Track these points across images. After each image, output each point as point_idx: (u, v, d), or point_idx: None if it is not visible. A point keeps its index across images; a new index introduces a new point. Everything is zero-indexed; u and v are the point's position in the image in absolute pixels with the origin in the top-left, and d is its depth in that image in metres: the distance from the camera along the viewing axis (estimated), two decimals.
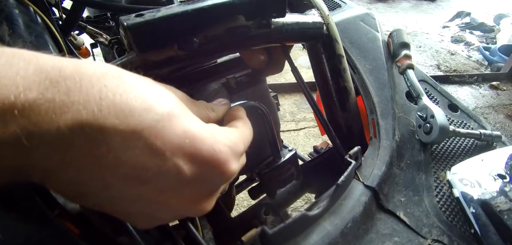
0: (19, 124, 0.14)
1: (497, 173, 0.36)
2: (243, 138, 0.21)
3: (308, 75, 2.08)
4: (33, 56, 0.15)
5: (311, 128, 1.78)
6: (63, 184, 0.17)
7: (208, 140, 0.18)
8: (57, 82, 0.15)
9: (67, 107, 0.15)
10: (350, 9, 0.60)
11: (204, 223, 0.37)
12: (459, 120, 0.49)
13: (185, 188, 0.18)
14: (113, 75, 0.16)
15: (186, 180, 0.17)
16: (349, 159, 0.33)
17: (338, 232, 0.29)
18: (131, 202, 0.18)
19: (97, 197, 0.17)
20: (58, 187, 0.17)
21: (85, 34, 0.77)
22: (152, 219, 0.20)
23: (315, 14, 0.35)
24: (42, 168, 0.16)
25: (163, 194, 0.18)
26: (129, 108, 0.16)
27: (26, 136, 0.14)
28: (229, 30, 0.25)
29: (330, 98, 0.41)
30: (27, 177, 0.16)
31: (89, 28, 0.75)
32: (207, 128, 0.19)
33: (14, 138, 0.14)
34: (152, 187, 0.17)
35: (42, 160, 0.15)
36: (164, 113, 0.17)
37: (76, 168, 0.16)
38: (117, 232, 0.25)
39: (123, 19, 0.21)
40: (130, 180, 0.17)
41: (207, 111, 0.23)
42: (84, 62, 0.16)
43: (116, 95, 0.16)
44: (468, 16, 3.69)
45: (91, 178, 0.16)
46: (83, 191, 0.17)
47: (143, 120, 0.16)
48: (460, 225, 0.34)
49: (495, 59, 2.71)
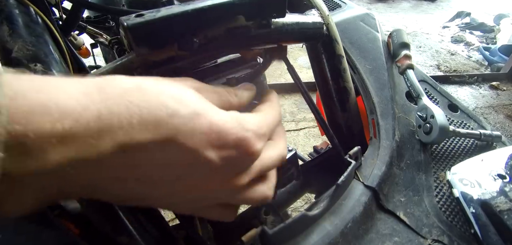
0: (60, 153, 0.14)
1: (497, 173, 0.36)
2: (267, 120, 0.22)
3: (308, 75, 2.08)
4: (57, 84, 0.16)
5: (311, 128, 1.78)
6: (106, 196, 0.18)
7: (232, 129, 0.19)
8: (88, 107, 0.15)
9: (103, 132, 0.15)
10: (350, 9, 0.60)
11: (204, 223, 0.37)
12: (459, 120, 0.49)
13: (217, 174, 0.19)
14: (134, 89, 0.17)
15: (217, 168, 0.19)
16: (349, 159, 0.33)
17: (338, 232, 0.29)
18: (170, 195, 0.20)
19: (139, 198, 0.19)
20: (101, 198, 0.19)
21: (85, 34, 0.77)
22: (193, 204, 0.21)
23: (315, 14, 0.35)
24: (85, 188, 0.17)
25: (199, 183, 0.19)
26: (156, 119, 0.17)
27: (69, 164, 0.15)
28: (229, 30, 0.25)
29: (330, 98, 0.41)
30: (68, 197, 0.17)
31: (89, 28, 0.75)
32: (229, 116, 0.20)
33: (58, 167, 0.15)
34: (188, 180, 0.19)
35: (85, 181, 0.16)
36: (189, 114, 0.18)
37: (119, 181, 0.17)
38: (117, 232, 0.25)
39: (123, 19, 0.21)
40: (168, 179, 0.18)
41: (229, 97, 0.23)
42: (103, 81, 0.17)
43: (142, 109, 0.16)
44: (468, 16, 3.68)
45: (134, 185, 0.18)
46: (127, 196, 0.19)
47: (171, 126, 0.17)
48: (460, 225, 0.34)
49: (495, 59, 2.70)
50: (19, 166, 0.14)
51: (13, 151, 0.13)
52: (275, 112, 0.24)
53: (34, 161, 0.14)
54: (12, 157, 0.13)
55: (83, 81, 0.16)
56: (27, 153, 0.14)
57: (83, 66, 0.36)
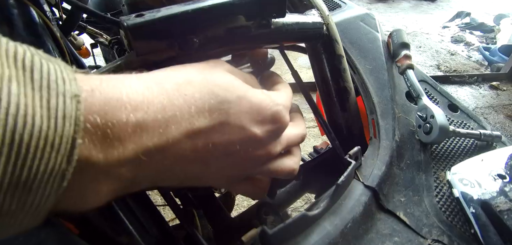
0: (135, 142, 0.16)
1: (497, 173, 0.36)
2: (287, 95, 0.26)
3: (308, 75, 2.08)
4: (123, 81, 0.17)
5: (311, 128, 1.78)
6: (170, 180, 0.21)
7: (268, 105, 0.22)
8: (152, 101, 0.17)
9: (169, 121, 0.18)
10: (350, 9, 0.60)
11: (204, 223, 0.37)
12: (459, 120, 0.49)
13: (259, 144, 0.22)
14: (185, 83, 0.20)
15: (260, 138, 0.22)
16: (349, 159, 0.33)
17: (338, 232, 0.29)
18: (219, 170, 0.22)
19: (194, 178, 0.22)
20: (164, 184, 0.21)
21: (85, 34, 0.77)
22: (233, 178, 0.24)
23: (315, 14, 0.35)
24: (154, 177, 0.19)
25: (244, 155, 0.22)
26: (209, 107, 0.19)
27: (143, 152, 0.17)
28: (229, 30, 0.25)
29: (330, 98, 0.41)
30: (137, 188, 0.19)
31: (89, 28, 0.75)
32: (263, 94, 0.23)
33: (134, 156, 0.16)
34: (236, 155, 0.22)
35: (155, 169, 0.18)
36: (235, 98, 0.21)
37: (182, 165, 0.20)
38: (117, 232, 0.25)
39: (123, 19, 0.21)
40: (223, 156, 0.21)
41: (253, 83, 0.26)
42: (157, 76, 0.19)
43: (197, 100, 0.19)
44: (468, 16, 3.68)
45: (192, 166, 0.20)
46: (186, 178, 0.21)
47: (223, 111, 0.20)
48: (460, 225, 0.34)
49: (495, 59, 2.70)
50: (103, 156, 0.15)
51: (96, 141, 0.15)
52: (289, 89, 0.28)
53: (115, 150, 0.16)
54: (96, 147, 0.15)
55: (141, 77, 0.19)
56: (108, 142, 0.15)
57: (83, 66, 0.36)
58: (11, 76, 0.12)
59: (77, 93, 0.14)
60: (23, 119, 0.12)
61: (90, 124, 0.15)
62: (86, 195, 0.16)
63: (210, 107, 0.19)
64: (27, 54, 0.13)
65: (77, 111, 0.14)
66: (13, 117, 0.12)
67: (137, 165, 0.17)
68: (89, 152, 0.15)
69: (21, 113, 0.12)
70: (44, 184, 0.13)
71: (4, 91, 0.12)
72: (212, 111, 0.19)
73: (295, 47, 0.41)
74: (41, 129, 0.13)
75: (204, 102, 0.19)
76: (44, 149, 0.13)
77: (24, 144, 0.12)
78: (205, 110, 0.19)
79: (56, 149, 0.13)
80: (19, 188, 0.13)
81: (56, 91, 0.13)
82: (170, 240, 0.29)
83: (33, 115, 0.12)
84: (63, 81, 0.14)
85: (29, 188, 0.13)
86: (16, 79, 0.12)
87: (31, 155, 0.12)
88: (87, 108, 0.15)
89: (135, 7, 0.28)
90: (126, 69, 0.25)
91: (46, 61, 0.14)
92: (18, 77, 0.13)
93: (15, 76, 0.12)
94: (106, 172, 0.16)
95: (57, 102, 0.13)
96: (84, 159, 0.14)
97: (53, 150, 0.13)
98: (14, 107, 0.12)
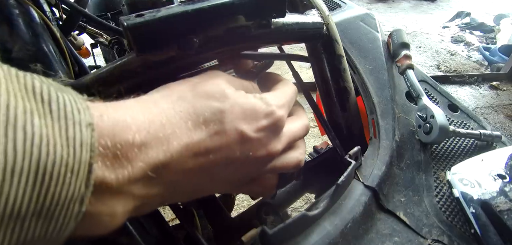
0: (142, 160, 0.17)
1: (497, 173, 0.36)
2: (284, 94, 0.26)
3: (308, 75, 2.08)
4: (124, 104, 0.19)
5: (311, 128, 1.77)
6: (181, 195, 0.22)
7: (261, 107, 0.23)
8: (152, 120, 0.18)
9: (170, 138, 0.19)
10: (350, 9, 0.60)
11: (204, 223, 0.37)
12: (459, 120, 0.49)
13: (258, 145, 0.23)
14: (177, 100, 0.20)
15: (257, 139, 0.22)
16: (349, 159, 0.33)
17: (338, 232, 0.29)
18: (225, 178, 0.23)
19: (207, 189, 0.24)
20: (176, 200, 0.23)
21: (85, 34, 0.77)
22: (240, 182, 0.25)
23: (315, 14, 0.35)
24: (164, 191, 0.20)
25: (246, 159, 0.23)
26: (204, 119, 0.20)
27: (151, 169, 0.18)
28: (229, 30, 0.25)
29: (330, 98, 0.41)
30: (150, 207, 0.20)
31: (89, 28, 0.75)
32: (255, 98, 0.23)
33: (142, 174, 0.17)
34: (238, 160, 0.22)
35: (165, 184, 0.19)
36: (227, 107, 0.21)
37: (189, 178, 0.20)
38: (117, 232, 0.25)
39: (123, 19, 0.21)
40: (226, 164, 0.22)
41: (252, 89, 0.27)
42: (152, 97, 0.21)
43: (192, 115, 0.20)
44: (468, 16, 3.68)
45: (200, 179, 0.21)
46: (194, 190, 0.22)
47: (217, 121, 0.21)
48: (460, 225, 0.34)
49: (495, 59, 2.70)
50: (115, 176, 0.16)
51: (108, 162, 0.16)
52: (289, 88, 0.28)
53: (125, 169, 0.17)
54: (108, 168, 0.16)
55: (139, 100, 0.20)
56: (118, 162, 0.16)
57: (83, 66, 0.36)
58: (33, 110, 0.13)
59: (91, 121, 0.15)
60: (46, 149, 0.13)
61: (102, 147, 0.16)
62: (102, 217, 0.16)
63: (205, 119, 0.20)
64: (44, 88, 0.14)
65: (92, 138, 0.15)
66: (38, 148, 0.13)
67: (147, 182, 0.18)
68: (102, 173, 0.16)
69: (44, 143, 0.13)
70: (65, 210, 0.14)
71: (28, 124, 0.13)
72: (208, 123, 0.20)
73: (298, 57, 0.41)
74: (62, 157, 0.14)
75: (198, 116, 0.20)
76: (65, 176, 0.14)
77: (48, 172, 0.13)
78: (201, 123, 0.20)
79: (76, 175, 0.14)
80: (43, 215, 0.13)
81: (73, 121, 0.15)
82: (170, 240, 0.29)
83: (54, 145, 0.14)
84: (78, 111, 0.15)
85: (51, 214, 0.14)
86: (37, 112, 0.13)
87: (54, 181, 0.13)
88: (99, 133, 0.16)
89: (135, 7, 0.28)
90: (126, 70, 0.25)
91: (61, 92, 0.15)
92: (39, 110, 0.14)
93: (36, 109, 0.14)
94: (119, 192, 0.17)
95: (74, 131, 0.14)
96: (99, 181, 0.15)
97: (72, 175, 0.14)
98: (38, 138, 0.13)
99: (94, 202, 0.16)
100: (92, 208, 0.16)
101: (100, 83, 0.25)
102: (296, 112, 0.29)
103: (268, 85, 0.29)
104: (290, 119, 0.27)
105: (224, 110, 0.21)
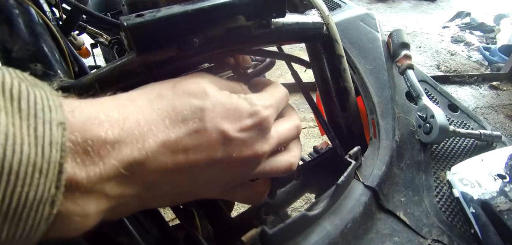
0: (115, 157, 0.17)
1: (497, 173, 0.36)
2: (271, 95, 0.25)
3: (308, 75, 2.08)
4: (99, 101, 0.18)
5: (311, 128, 1.78)
6: (162, 198, 0.21)
7: (246, 106, 0.22)
8: (127, 117, 0.18)
9: (145, 135, 0.18)
10: (350, 9, 0.60)
11: (204, 223, 0.37)
12: (459, 120, 0.49)
13: (243, 146, 0.22)
14: (157, 98, 0.20)
15: (241, 139, 0.22)
16: (349, 159, 0.33)
17: (338, 232, 0.29)
18: (209, 181, 0.22)
19: (191, 193, 0.23)
20: (156, 205, 0.22)
21: (85, 34, 0.77)
22: (226, 186, 0.24)
23: (315, 14, 0.35)
24: (142, 192, 0.19)
25: (231, 161, 0.22)
26: (183, 117, 0.20)
27: (124, 167, 0.17)
28: (229, 30, 0.25)
29: (330, 98, 0.41)
30: (129, 209, 0.20)
31: (89, 28, 0.75)
32: (240, 98, 0.23)
33: (114, 172, 0.17)
34: (222, 162, 0.21)
35: (141, 184, 0.18)
36: (209, 104, 0.21)
37: (168, 180, 0.20)
38: (117, 232, 0.25)
39: (123, 19, 0.21)
40: (208, 165, 0.21)
41: (240, 89, 0.26)
42: (132, 94, 0.20)
43: (170, 112, 0.19)
44: (468, 16, 3.69)
45: (182, 180, 0.20)
46: (178, 194, 0.22)
47: (197, 119, 0.20)
48: (460, 225, 0.34)
49: (495, 59, 2.70)
50: (85, 173, 0.15)
51: (78, 158, 0.15)
52: (278, 89, 0.27)
53: (97, 167, 0.16)
54: (78, 165, 0.15)
55: (116, 97, 0.20)
56: (89, 159, 0.16)
57: (83, 66, 0.36)
58: (0, 107, 0.13)
59: (62, 120, 0.15)
60: (12, 148, 0.13)
61: (72, 143, 0.15)
62: (73, 217, 0.16)
63: (183, 117, 0.20)
64: (15, 84, 0.14)
65: (63, 137, 0.15)
66: (3, 146, 0.12)
67: (121, 181, 0.17)
68: (72, 170, 0.15)
69: (10, 142, 0.13)
70: (34, 211, 0.14)
71: None
72: (187, 121, 0.20)
73: (299, 60, 0.41)
74: (29, 157, 0.13)
75: (177, 114, 0.19)
76: (32, 176, 0.13)
77: (14, 171, 0.13)
78: (179, 121, 0.19)
79: (45, 175, 0.14)
80: (9, 216, 0.13)
81: (43, 119, 0.14)
82: (170, 240, 0.29)
83: (21, 144, 0.13)
84: (49, 109, 0.15)
85: (19, 215, 0.13)
86: (4, 110, 0.13)
87: (21, 181, 0.13)
88: (69, 128, 0.15)
89: (135, 7, 0.28)
90: (126, 70, 0.25)
91: (33, 88, 0.15)
92: (6, 107, 0.13)
93: (4, 107, 0.13)
94: (91, 190, 0.16)
95: (43, 130, 0.14)
96: (69, 179, 0.15)
97: (41, 176, 0.14)
98: (3, 137, 0.13)
99: (64, 202, 0.15)
100: (62, 208, 0.15)
101: (100, 83, 0.25)
102: (287, 113, 0.28)
103: (258, 89, 0.28)
104: (280, 120, 0.26)
105: (204, 108, 0.20)
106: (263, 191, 0.27)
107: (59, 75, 0.28)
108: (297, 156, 0.27)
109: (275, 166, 0.25)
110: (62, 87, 0.25)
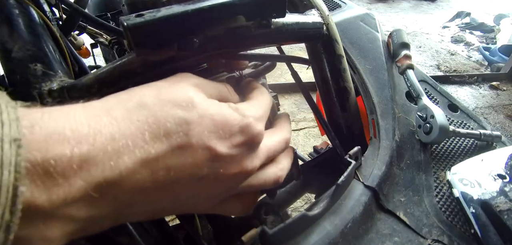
0: (83, 178, 0.15)
1: (497, 173, 0.36)
2: (260, 104, 0.24)
3: (308, 75, 2.08)
4: (67, 111, 0.16)
5: (311, 128, 1.78)
6: (137, 215, 0.19)
7: (236, 119, 0.20)
8: (99, 131, 0.16)
9: (120, 152, 0.16)
10: (350, 9, 0.60)
11: (204, 223, 0.37)
12: (459, 120, 0.49)
13: (232, 162, 0.20)
14: (136, 107, 0.18)
15: (230, 156, 0.20)
16: (349, 159, 0.33)
17: (338, 232, 0.29)
18: (195, 197, 0.21)
19: (172, 209, 0.21)
20: (133, 219, 0.20)
21: (85, 34, 0.77)
22: (214, 200, 0.22)
23: (315, 14, 0.35)
24: (115, 211, 0.17)
25: (218, 176, 0.20)
26: (165, 130, 0.17)
27: (93, 188, 0.15)
28: (229, 30, 0.25)
29: (330, 98, 0.41)
30: (99, 227, 0.18)
31: (89, 28, 0.75)
32: (230, 109, 0.21)
33: (83, 193, 0.15)
34: (208, 177, 0.20)
35: (113, 206, 0.17)
36: (195, 116, 0.19)
37: (146, 197, 0.18)
38: (117, 232, 0.25)
39: (123, 19, 0.21)
40: (191, 182, 0.19)
41: (227, 94, 0.25)
42: (106, 103, 0.18)
43: (151, 125, 0.17)
44: (468, 16, 3.69)
45: (160, 196, 0.19)
46: (155, 210, 0.20)
47: (181, 133, 0.18)
48: (460, 225, 0.34)
49: (495, 59, 2.71)
50: (46, 196, 0.14)
51: (38, 181, 0.13)
52: (265, 97, 0.26)
53: (61, 189, 0.14)
54: (38, 187, 0.14)
55: (88, 106, 0.17)
56: (52, 181, 0.14)
57: (83, 66, 0.36)
58: None
59: (18, 136, 0.13)
60: None
61: (30, 162, 0.13)
62: (34, 242, 0.14)
63: (166, 131, 0.17)
64: None
65: (18, 156, 0.13)
66: None
67: (90, 202, 0.15)
68: (31, 193, 0.13)
69: None
70: None
71: None
72: (170, 135, 0.18)
73: (299, 59, 0.41)
74: None
75: (159, 126, 0.17)
76: None
77: None
78: (161, 134, 0.17)
79: None
80: None
81: None
82: (170, 240, 0.29)
83: None
84: (1, 124, 0.13)
85: None
86: None
87: None
88: (27, 146, 0.13)
89: (135, 7, 0.28)
90: (126, 70, 0.25)
91: None
92: None
93: None
94: (53, 215, 0.14)
95: None
96: (27, 203, 0.13)
97: None
98: None
99: (23, 227, 0.13)
100: (21, 233, 0.13)
101: (100, 83, 0.25)
102: (278, 124, 0.27)
103: (245, 92, 0.27)
104: (270, 131, 0.25)
105: (190, 121, 0.18)
106: (252, 202, 0.26)
107: (59, 75, 0.28)
108: (285, 169, 0.26)
109: (263, 180, 0.24)
110: (62, 87, 0.25)
